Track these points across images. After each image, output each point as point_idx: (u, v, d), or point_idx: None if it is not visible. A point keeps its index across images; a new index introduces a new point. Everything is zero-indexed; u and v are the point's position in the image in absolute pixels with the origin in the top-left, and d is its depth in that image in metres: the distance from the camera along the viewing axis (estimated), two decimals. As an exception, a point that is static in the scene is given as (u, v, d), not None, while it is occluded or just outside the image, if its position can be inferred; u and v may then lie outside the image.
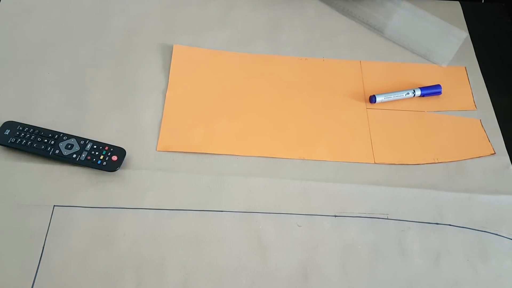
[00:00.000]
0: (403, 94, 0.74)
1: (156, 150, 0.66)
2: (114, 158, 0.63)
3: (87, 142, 0.64)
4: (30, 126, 0.64)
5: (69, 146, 0.63)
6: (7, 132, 0.63)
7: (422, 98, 0.75)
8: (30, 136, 0.63)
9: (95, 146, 0.63)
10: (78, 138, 0.64)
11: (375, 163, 0.68)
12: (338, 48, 0.80)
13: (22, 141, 0.63)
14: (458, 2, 0.90)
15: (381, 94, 0.73)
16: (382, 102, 0.74)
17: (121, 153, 0.63)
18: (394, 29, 0.82)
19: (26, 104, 0.68)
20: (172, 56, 0.76)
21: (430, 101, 0.75)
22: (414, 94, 0.74)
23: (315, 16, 0.85)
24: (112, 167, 0.62)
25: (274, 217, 0.62)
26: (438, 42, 0.83)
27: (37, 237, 0.57)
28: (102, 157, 0.62)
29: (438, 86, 0.75)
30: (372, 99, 0.73)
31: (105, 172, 0.62)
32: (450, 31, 0.85)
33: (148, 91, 0.72)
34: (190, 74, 0.74)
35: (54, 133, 0.64)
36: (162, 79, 0.73)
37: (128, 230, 0.59)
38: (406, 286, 0.58)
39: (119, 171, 0.63)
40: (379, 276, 0.58)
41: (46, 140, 0.63)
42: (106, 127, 0.67)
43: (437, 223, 0.63)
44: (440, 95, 0.76)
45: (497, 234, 0.63)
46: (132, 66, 0.74)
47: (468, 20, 0.87)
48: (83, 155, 0.62)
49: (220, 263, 0.57)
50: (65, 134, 0.64)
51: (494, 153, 0.70)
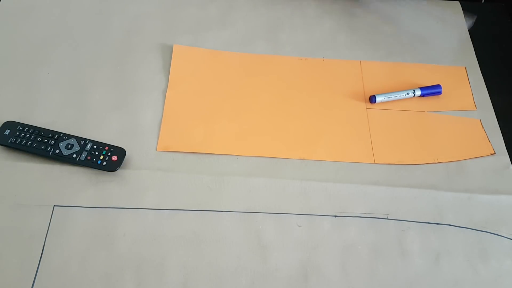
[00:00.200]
0: (403, 94, 0.74)
1: (156, 150, 0.66)
2: (114, 158, 0.63)
3: (87, 142, 0.64)
4: (30, 126, 0.64)
5: (69, 146, 0.63)
6: (7, 132, 0.63)
7: (422, 98, 0.75)
8: (30, 136, 0.63)
9: (95, 146, 0.63)
10: (78, 138, 0.64)
11: (375, 163, 0.68)
12: (338, 48, 0.80)
13: (22, 141, 0.63)
14: (458, 2, 0.90)
15: (381, 94, 0.73)
16: (382, 102, 0.74)
17: (121, 153, 0.63)
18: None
19: (26, 104, 0.68)
20: (172, 56, 0.76)
21: (430, 101, 0.75)
22: (414, 94, 0.74)
23: (315, 16, 0.85)
24: (112, 167, 0.62)
25: (274, 217, 0.62)
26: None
27: (37, 237, 0.57)
28: (102, 157, 0.62)
29: (438, 86, 0.75)
30: (372, 99, 0.73)
31: (105, 172, 0.62)
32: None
33: (148, 91, 0.72)
34: (190, 74, 0.74)
35: (54, 133, 0.64)
36: (162, 79, 0.73)
37: (128, 230, 0.59)
38: (406, 286, 0.58)
39: (119, 171, 0.63)
40: (379, 276, 0.58)
41: (46, 140, 0.63)
42: (106, 127, 0.67)
43: (437, 223, 0.63)
44: (440, 95, 0.76)
45: (497, 234, 0.63)
46: (132, 66, 0.74)
47: (468, 20, 0.87)
48: (83, 155, 0.62)
49: (220, 263, 0.57)
50: (65, 134, 0.64)
51: (494, 153, 0.70)
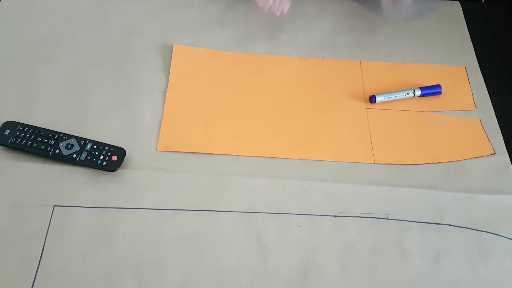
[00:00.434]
0: (403, 94, 0.74)
1: (156, 150, 0.66)
2: (114, 158, 0.63)
3: (87, 142, 0.64)
4: (30, 126, 0.64)
5: (69, 146, 0.63)
6: (7, 132, 0.63)
7: (422, 98, 0.75)
8: (30, 136, 0.63)
9: (95, 146, 0.63)
10: (78, 138, 0.64)
11: (375, 163, 0.68)
12: (338, 48, 0.80)
13: (22, 141, 0.63)
14: (458, 2, 0.90)
15: (381, 94, 0.73)
16: (382, 102, 0.74)
17: (121, 153, 0.63)
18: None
19: (26, 104, 0.68)
20: (172, 56, 0.76)
21: (430, 101, 0.75)
22: (414, 94, 0.74)
23: (315, 16, 0.85)
24: (112, 167, 0.62)
25: (274, 217, 0.62)
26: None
27: (37, 237, 0.57)
28: (102, 157, 0.62)
29: (438, 86, 0.75)
30: (372, 99, 0.73)
31: (105, 172, 0.62)
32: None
33: (148, 91, 0.72)
34: (190, 74, 0.74)
35: (54, 133, 0.64)
36: (162, 79, 0.73)
37: (128, 230, 0.59)
38: (406, 286, 0.58)
39: (119, 171, 0.63)
40: (379, 276, 0.58)
41: (46, 140, 0.63)
42: (106, 127, 0.67)
43: (437, 223, 0.63)
44: (440, 95, 0.75)
45: (497, 234, 0.63)
46: (132, 66, 0.74)
47: (468, 20, 0.87)
48: (83, 155, 0.62)
49: (220, 263, 0.57)
50: (65, 134, 0.64)
51: (494, 153, 0.70)
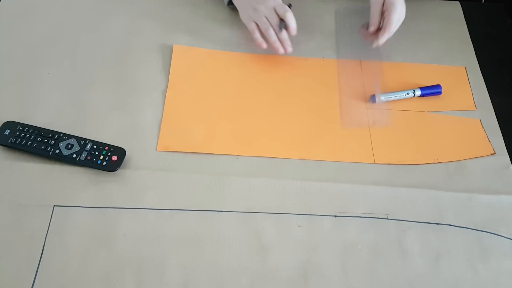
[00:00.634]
0: (403, 94, 0.74)
1: (156, 150, 0.66)
2: (114, 158, 0.63)
3: (87, 142, 0.64)
4: (30, 126, 0.64)
5: (69, 146, 0.63)
6: (7, 132, 0.63)
7: (422, 98, 0.75)
8: (30, 136, 0.63)
9: (95, 146, 0.63)
10: (78, 138, 0.64)
11: (375, 163, 0.67)
12: (338, 48, 0.80)
13: (22, 141, 0.63)
14: (458, 2, 0.90)
15: (381, 94, 0.73)
16: (382, 102, 0.74)
17: (121, 153, 0.63)
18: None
19: (26, 104, 0.68)
20: (172, 56, 0.76)
21: (430, 101, 0.75)
22: (414, 94, 0.74)
23: (315, 16, 0.85)
24: (112, 167, 0.62)
25: (274, 217, 0.61)
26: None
27: (37, 237, 0.57)
28: (102, 157, 0.62)
29: (438, 86, 0.75)
30: (372, 99, 0.73)
31: (105, 172, 0.62)
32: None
33: (148, 91, 0.72)
34: (190, 74, 0.74)
35: (54, 133, 0.64)
36: (162, 79, 0.73)
37: (128, 230, 0.59)
38: (406, 286, 0.58)
39: (119, 171, 0.63)
40: (379, 276, 0.58)
41: (46, 140, 0.63)
42: (106, 127, 0.67)
43: (437, 223, 0.63)
44: (440, 95, 0.75)
45: (497, 234, 0.63)
46: (132, 66, 0.74)
47: (468, 20, 0.87)
48: (83, 155, 0.62)
49: (220, 263, 0.57)
50: (65, 134, 0.64)
51: (494, 153, 0.70)
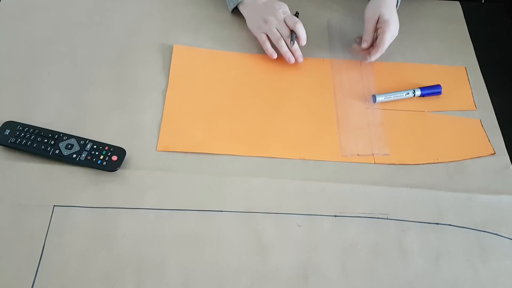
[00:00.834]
0: (403, 94, 0.74)
1: (156, 150, 0.66)
2: (114, 158, 0.63)
3: (87, 142, 0.64)
4: (30, 126, 0.64)
5: (69, 146, 0.63)
6: (7, 132, 0.63)
7: (422, 98, 0.75)
8: (30, 136, 0.63)
9: (95, 146, 0.63)
10: (78, 138, 0.64)
11: (375, 163, 0.67)
12: (338, 48, 0.80)
13: (22, 141, 0.63)
14: (458, 2, 0.90)
15: (381, 94, 0.73)
16: (382, 102, 0.74)
17: (121, 153, 0.63)
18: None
19: (26, 104, 0.68)
20: (172, 56, 0.76)
21: (430, 101, 0.75)
22: (414, 94, 0.74)
23: (315, 15, 0.85)
24: (112, 167, 0.62)
25: (274, 217, 0.61)
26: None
27: (37, 237, 0.57)
28: (102, 157, 0.62)
29: (438, 86, 0.75)
30: (372, 99, 0.73)
31: (105, 172, 0.62)
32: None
33: (148, 91, 0.72)
34: (190, 74, 0.74)
35: (54, 133, 0.64)
36: (162, 79, 0.73)
37: (128, 230, 0.59)
38: (406, 286, 0.58)
39: (119, 171, 0.63)
40: (379, 276, 0.58)
41: (46, 140, 0.63)
42: (106, 127, 0.67)
43: (437, 223, 0.63)
44: (440, 95, 0.75)
45: (497, 234, 0.63)
46: (132, 66, 0.74)
47: (468, 20, 0.87)
48: (83, 155, 0.62)
49: (220, 263, 0.57)
50: (65, 134, 0.64)
51: (494, 153, 0.70)
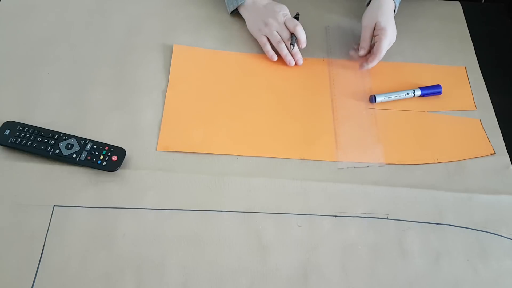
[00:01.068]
0: (403, 94, 0.74)
1: (156, 150, 0.66)
2: (114, 158, 0.63)
3: (87, 142, 0.64)
4: (30, 126, 0.64)
5: (69, 146, 0.63)
6: (7, 132, 0.63)
7: (422, 98, 0.75)
8: (30, 136, 0.63)
9: (95, 146, 0.63)
10: (78, 138, 0.64)
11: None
12: (338, 48, 0.80)
13: (22, 141, 0.63)
14: (458, 2, 0.90)
15: (381, 94, 0.73)
16: (382, 102, 0.74)
17: (121, 153, 0.63)
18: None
19: (26, 104, 0.68)
20: (172, 56, 0.76)
21: (430, 101, 0.75)
22: (414, 94, 0.74)
23: (315, 15, 0.85)
24: (112, 167, 0.62)
25: (274, 217, 0.62)
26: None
27: (37, 237, 0.57)
28: (102, 157, 0.62)
29: (438, 86, 0.75)
30: (372, 99, 0.73)
31: (105, 172, 0.62)
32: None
33: (148, 91, 0.72)
34: (190, 74, 0.74)
35: (54, 133, 0.64)
36: (162, 79, 0.73)
37: (128, 230, 0.59)
38: (406, 286, 0.58)
39: (119, 171, 0.63)
40: (379, 276, 0.58)
41: (46, 140, 0.63)
42: (106, 127, 0.67)
43: (437, 223, 0.63)
44: (440, 95, 0.75)
45: (497, 234, 0.63)
46: (132, 66, 0.74)
47: (468, 20, 0.87)
48: (83, 155, 0.62)
49: (220, 263, 0.57)
50: (65, 134, 0.64)
51: (494, 153, 0.70)
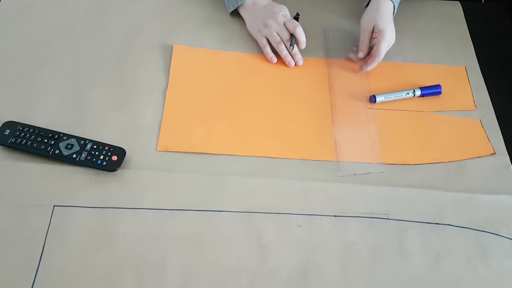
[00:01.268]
0: (403, 94, 0.74)
1: (156, 150, 0.66)
2: (114, 158, 0.63)
3: (87, 142, 0.64)
4: (30, 126, 0.64)
5: (69, 146, 0.63)
6: (7, 132, 0.63)
7: (422, 98, 0.75)
8: (30, 136, 0.63)
9: (95, 146, 0.63)
10: (78, 138, 0.64)
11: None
12: (338, 48, 0.80)
13: (22, 141, 0.63)
14: (458, 2, 0.90)
15: (381, 94, 0.73)
16: (382, 102, 0.74)
17: (121, 153, 0.63)
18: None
19: (26, 104, 0.68)
20: (172, 56, 0.76)
21: (430, 101, 0.75)
22: (414, 94, 0.74)
23: (315, 15, 0.85)
24: (112, 167, 0.62)
25: (274, 217, 0.62)
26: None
27: (37, 237, 0.57)
28: (102, 157, 0.62)
29: (438, 86, 0.75)
30: (372, 99, 0.73)
31: (105, 172, 0.62)
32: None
33: (148, 91, 0.72)
34: (190, 74, 0.74)
35: (54, 133, 0.64)
36: (162, 79, 0.73)
37: (128, 230, 0.59)
38: (406, 286, 0.58)
39: (119, 171, 0.63)
40: (379, 276, 0.58)
41: (46, 140, 0.63)
42: (106, 127, 0.67)
43: (437, 223, 0.63)
44: (440, 95, 0.75)
45: (497, 234, 0.63)
46: (132, 66, 0.74)
47: (468, 20, 0.87)
48: (83, 155, 0.62)
49: (220, 263, 0.57)
50: (65, 134, 0.64)
51: (494, 153, 0.70)
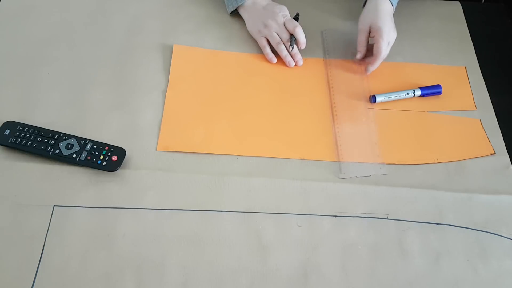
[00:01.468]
0: (403, 94, 0.74)
1: (156, 150, 0.66)
2: (114, 158, 0.63)
3: (87, 142, 0.64)
4: (30, 126, 0.64)
5: (69, 146, 0.63)
6: (7, 132, 0.63)
7: (422, 98, 0.75)
8: (30, 136, 0.63)
9: (95, 146, 0.63)
10: (78, 138, 0.64)
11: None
12: (338, 48, 0.80)
13: (22, 141, 0.63)
14: (458, 2, 0.90)
15: (381, 94, 0.73)
16: (382, 102, 0.74)
17: (121, 153, 0.63)
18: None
19: (26, 104, 0.68)
20: (172, 56, 0.76)
21: (430, 101, 0.75)
22: (414, 94, 0.74)
23: (315, 15, 0.85)
24: (112, 167, 0.62)
25: (274, 217, 0.62)
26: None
27: (37, 237, 0.57)
28: (102, 157, 0.62)
29: (438, 86, 0.75)
30: (372, 99, 0.73)
31: (105, 172, 0.62)
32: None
33: (148, 91, 0.72)
34: (190, 74, 0.74)
35: (54, 133, 0.64)
36: (162, 79, 0.73)
37: (128, 230, 0.59)
38: (406, 286, 0.58)
39: (119, 171, 0.63)
40: (379, 276, 0.58)
41: (46, 140, 0.63)
42: (106, 127, 0.67)
43: (437, 223, 0.63)
44: (440, 95, 0.75)
45: (497, 234, 0.63)
46: (132, 66, 0.74)
47: (468, 20, 0.87)
48: (83, 155, 0.62)
49: (220, 263, 0.57)
50: (65, 134, 0.64)
51: (494, 153, 0.70)
